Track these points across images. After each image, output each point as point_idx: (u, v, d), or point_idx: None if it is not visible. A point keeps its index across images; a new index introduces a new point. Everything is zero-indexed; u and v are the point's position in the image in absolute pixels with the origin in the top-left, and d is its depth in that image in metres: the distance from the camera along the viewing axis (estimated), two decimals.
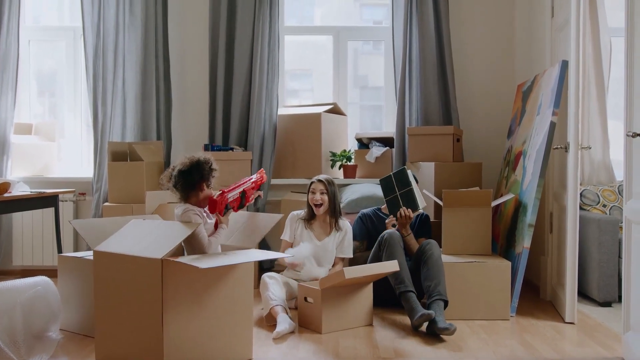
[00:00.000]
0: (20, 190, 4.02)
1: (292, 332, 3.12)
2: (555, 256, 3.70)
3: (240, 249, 2.89)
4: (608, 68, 4.23)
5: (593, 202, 4.14)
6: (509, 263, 3.41)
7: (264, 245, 4.40)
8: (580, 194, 4.10)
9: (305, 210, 3.69)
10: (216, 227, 2.89)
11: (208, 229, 2.85)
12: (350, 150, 4.66)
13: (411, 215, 3.55)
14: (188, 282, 2.48)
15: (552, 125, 3.49)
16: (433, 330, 3.03)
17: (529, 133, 3.85)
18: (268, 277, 3.37)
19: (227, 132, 4.61)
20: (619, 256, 3.58)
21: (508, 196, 3.78)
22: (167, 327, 2.40)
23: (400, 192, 3.59)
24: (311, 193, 3.64)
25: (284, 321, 3.10)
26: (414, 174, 3.69)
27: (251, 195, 3.06)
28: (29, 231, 4.58)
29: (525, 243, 3.46)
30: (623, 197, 2.80)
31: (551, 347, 2.91)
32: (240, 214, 3.21)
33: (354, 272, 3.07)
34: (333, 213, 3.63)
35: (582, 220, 3.68)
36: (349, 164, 4.61)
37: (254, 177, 3.12)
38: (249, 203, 3.09)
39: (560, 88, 3.49)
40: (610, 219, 3.67)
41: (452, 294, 3.31)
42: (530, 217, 3.48)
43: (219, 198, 2.82)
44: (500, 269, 3.38)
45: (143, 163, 4.19)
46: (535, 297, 3.92)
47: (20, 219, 4.57)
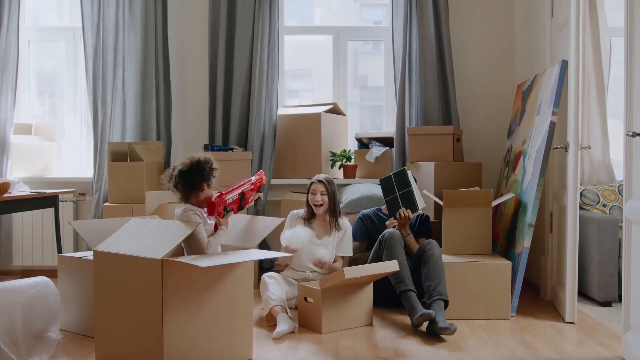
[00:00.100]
0: (20, 190, 4.02)
1: (292, 332, 3.12)
2: (555, 256, 3.70)
3: (240, 249, 2.89)
4: (608, 68, 4.22)
5: (593, 202, 4.14)
6: (509, 263, 3.41)
7: (264, 246, 4.39)
8: (580, 194, 4.10)
9: (305, 209, 3.69)
10: (216, 229, 2.88)
11: (208, 229, 2.84)
12: (350, 150, 4.66)
13: (410, 215, 3.55)
14: (188, 282, 2.48)
15: (552, 125, 3.49)
16: (433, 330, 3.03)
17: (529, 133, 3.85)
18: (268, 277, 3.37)
19: (227, 132, 4.61)
20: (619, 256, 3.58)
21: (508, 195, 3.78)
22: (167, 327, 2.40)
23: (400, 193, 3.59)
24: (311, 194, 3.64)
25: (284, 321, 3.10)
26: (414, 175, 3.69)
27: (250, 197, 3.05)
28: (29, 231, 4.58)
29: (525, 243, 3.46)
30: (623, 197, 2.80)
31: (551, 347, 2.91)
32: (241, 217, 3.21)
33: (354, 272, 3.07)
34: (333, 212, 3.64)
35: (582, 220, 3.68)
36: (349, 164, 4.61)
37: (252, 179, 3.12)
38: (249, 205, 3.08)
39: (560, 88, 3.49)
40: (610, 218, 3.67)
41: (452, 294, 3.31)
42: (530, 217, 3.48)
43: (217, 200, 2.81)
44: (501, 269, 3.38)
45: (143, 163, 4.19)
46: (536, 297, 3.92)
47: (20, 219, 4.57)
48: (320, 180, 3.63)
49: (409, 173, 3.60)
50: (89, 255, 3.18)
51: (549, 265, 3.79)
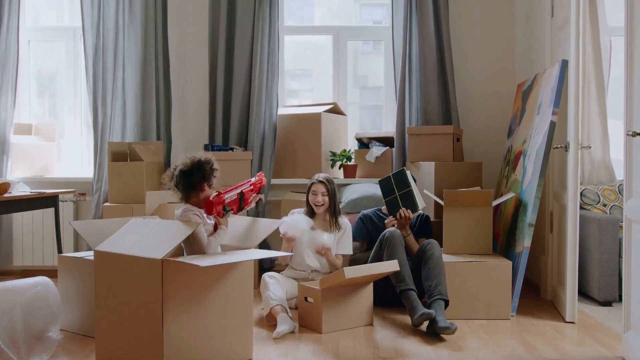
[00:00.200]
0: (20, 190, 4.02)
1: (292, 332, 3.12)
2: (556, 256, 3.70)
3: (240, 249, 2.88)
4: (608, 67, 4.22)
5: (593, 202, 4.14)
6: (510, 262, 3.40)
7: (264, 246, 4.39)
8: (581, 194, 4.10)
9: (305, 208, 3.69)
10: (215, 229, 2.88)
11: (208, 230, 2.84)
12: (350, 150, 4.66)
13: (411, 215, 3.55)
14: (188, 282, 2.48)
15: (552, 125, 3.49)
16: (433, 330, 3.03)
17: (529, 132, 3.85)
18: (268, 277, 3.37)
19: (227, 132, 4.61)
20: (620, 255, 3.58)
21: (509, 195, 3.77)
22: (167, 327, 2.40)
23: (399, 193, 3.59)
24: (312, 194, 3.64)
25: (284, 321, 3.10)
26: (413, 175, 3.69)
27: (250, 197, 3.02)
28: (29, 231, 4.58)
29: (525, 242, 3.46)
30: (623, 197, 2.80)
31: (551, 347, 2.91)
32: (242, 219, 3.21)
33: (354, 272, 3.07)
34: (333, 212, 3.64)
35: (583, 220, 3.68)
36: (349, 163, 4.61)
37: (252, 180, 3.10)
38: (249, 206, 3.06)
39: (560, 87, 3.49)
40: (610, 218, 3.67)
41: (453, 294, 3.31)
42: (530, 217, 3.48)
43: (214, 199, 2.79)
44: (501, 269, 3.38)
45: (143, 163, 4.19)
46: (536, 297, 3.91)
47: (21, 220, 4.57)
48: (321, 181, 3.63)
49: (408, 173, 3.60)
50: (89, 255, 3.18)
51: (549, 264, 3.79)
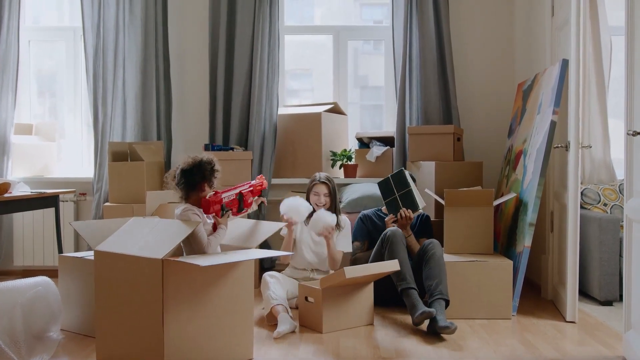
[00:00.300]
0: (20, 190, 4.02)
1: (293, 332, 3.12)
2: (556, 255, 3.70)
3: (240, 249, 2.88)
4: (608, 67, 4.22)
5: (594, 201, 4.14)
6: (511, 262, 3.40)
7: (265, 246, 4.38)
8: (581, 193, 4.10)
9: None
10: (215, 229, 2.87)
11: (207, 229, 2.83)
12: (350, 150, 4.66)
13: (411, 215, 3.55)
14: (188, 282, 2.48)
15: (553, 124, 3.49)
16: (434, 329, 3.03)
17: (530, 132, 3.85)
18: (269, 277, 3.37)
19: (228, 132, 4.61)
20: (620, 255, 3.57)
21: (509, 195, 3.77)
22: (168, 327, 2.40)
23: (399, 194, 3.59)
24: (314, 195, 3.64)
25: (285, 321, 3.10)
26: (412, 174, 3.68)
27: (249, 199, 3.00)
28: (30, 231, 4.58)
29: (526, 242, 3.46)
30: (624, 196, 2.79)
31: (552, 346, 2.91)
32: (244, 221, 3.20)
33: (355, 272, 3.07)
34: (333, 211, 3.64)
35: (583, 219, 3.68)
36: (349, 163, 4.61)
37: (252, 182, 3.09)
38: (250, 209, 3.03)
39: (560, 87, 3.49)
40: (611, 217, 3.67)
41: (453, 293, 3.31)
42: (530, 216, 3.48)
43: (211, 198, 2.78)
44: (502, 268, 3.38)
45: (143, 163, 4.19)
46: (536, 296, 3.91)
47: (21, 220, 4.57)
48: (323, 182, 3.64)
49: (407, 173, 3.60)
50: (89, 255, 3.18)
51: (550, 264, 3.79)
